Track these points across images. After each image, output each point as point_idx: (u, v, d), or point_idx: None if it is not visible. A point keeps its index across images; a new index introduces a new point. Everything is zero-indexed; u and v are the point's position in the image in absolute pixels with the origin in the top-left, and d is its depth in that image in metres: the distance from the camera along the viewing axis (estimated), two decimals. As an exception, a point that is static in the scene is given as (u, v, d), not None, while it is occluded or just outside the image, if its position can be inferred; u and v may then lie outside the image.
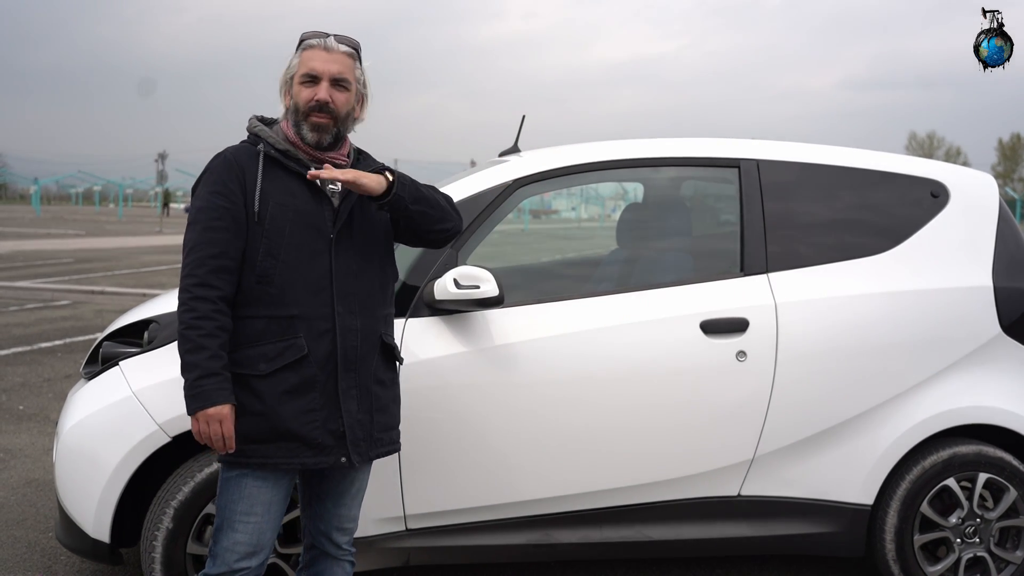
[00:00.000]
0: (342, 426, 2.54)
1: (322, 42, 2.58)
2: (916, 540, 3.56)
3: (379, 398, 2.64)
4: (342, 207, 2.59)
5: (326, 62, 2.56)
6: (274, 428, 2.49)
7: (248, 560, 2.55)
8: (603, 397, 3.36)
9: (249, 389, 2.50)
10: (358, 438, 2.58)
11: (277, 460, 2.51)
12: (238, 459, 2.52)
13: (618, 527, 3.48)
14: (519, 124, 4.17)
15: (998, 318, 3.60)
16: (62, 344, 9.16)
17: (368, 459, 2.63)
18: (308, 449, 2.52)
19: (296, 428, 2.50)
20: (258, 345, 2.50)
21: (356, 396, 2.57)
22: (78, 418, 3.29)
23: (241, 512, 2.54)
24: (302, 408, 2.50)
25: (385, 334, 2.67)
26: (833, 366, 3.48)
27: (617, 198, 42.65)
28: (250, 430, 2.49)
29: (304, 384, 2.50)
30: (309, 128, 2.56)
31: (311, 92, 2.54)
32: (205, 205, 2.51)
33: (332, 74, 2.55)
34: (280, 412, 2.49)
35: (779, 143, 3.81)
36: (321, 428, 2.52)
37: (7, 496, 4.78)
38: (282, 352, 2.49)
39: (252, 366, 2.50)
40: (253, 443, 2.50)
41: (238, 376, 2.51)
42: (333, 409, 2.54)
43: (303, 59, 2.58)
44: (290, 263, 2.50)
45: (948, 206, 3.72)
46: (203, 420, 2.43)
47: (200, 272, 2.46)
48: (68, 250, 22.68)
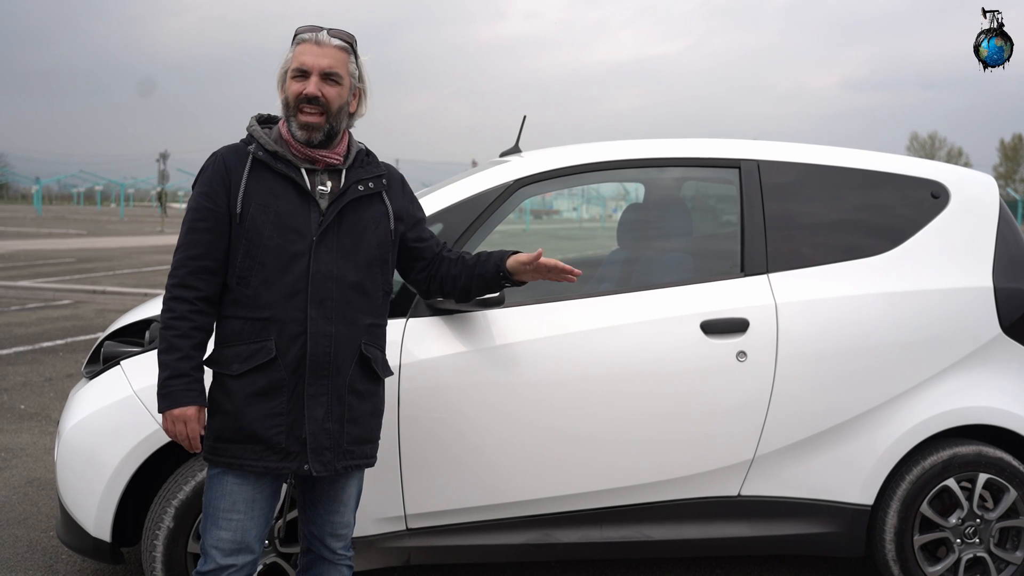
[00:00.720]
0: (305, 432, 2.52)
1: (314, 36, 2.55)
2: (916, 540, 3.56)
3: (353, 408, 2.58)
4: (329, 210, 2.54)
5: (316, 56, 2.53)
6: (240, 429, 2.50)
7: (234, 557, 2.54)
8: (603, 397, 3.36)
9: (224, 388, 2.52)
10: (322, 447, 2.53)
11: (244, 461, 2.51)
12: (213, 457, 2.54)
13: (618, 527, 3.48)
14: (520, 124, 4.18)
15: (998, 319, 3.60)
16: (63, 344, 9.17)
17: (333, 470, 2.56)
18: (273, 453, 2.51)
19: (260, 431, 2.49)
20: (234, 345, 2.51)
21: (325, 404, 2.53)
22: (79, 417, 3.30)
23: (224, 509, 2.54)
24: (268, 411, 2.49)
25: (365, 344, 2.60)
26: (833, 366, 3.48)
27: (618, 198, 42.66)
28: (222, 429, 2.52)
29: (272, 387, 2.49)
30: (298, 126, 2.53)
31: (300, 86, 2.52)
32: (193, 206, 2.55)
33: (322, 68, 2.52)
34: (246, 413, 2.49)
35: (780, 144, 3.81)
36: (286, 433, 2.50)
37: (8, 495, 4.79)
38: (253, 354, 2.49)
39: (227, 366, 2.52)
40: (224, 442, 2.52)
41: (216, 375, 2.55)
42: (299, 415, 2.51)
43: (295, 53, 2.56)
44: (267, 264, 2.49)
45: (948, 207, 3.72)
46: (169, 420, 2.50)
47: (180, 273, 2.51)
48: (70, 250, 22.70)
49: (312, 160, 2.57)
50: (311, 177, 2.56)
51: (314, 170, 2.57)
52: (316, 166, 2.58)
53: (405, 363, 3.23)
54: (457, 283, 2.85)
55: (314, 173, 2.57)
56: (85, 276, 15.75)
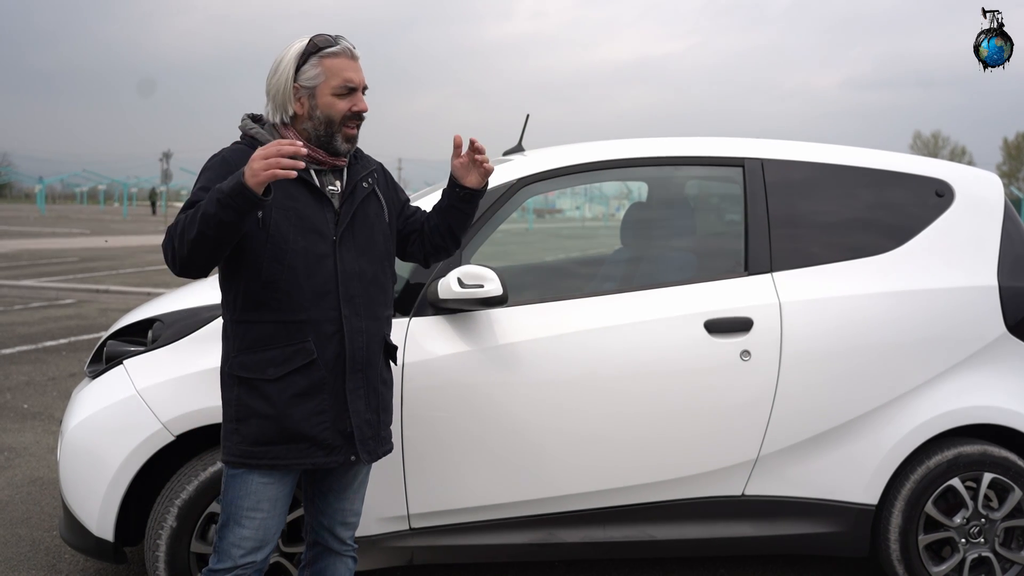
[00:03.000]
0: (350, 426, 2.56)
1: (347, 50, 2.55)
2: (920, 540, 3.55)
3: (383, 398, 2.68)
4: (344, 209, 2.58)
5: (357, 71, 2.56)
6: (284, 430, 2.50)
7: (253, 555, 2.57)
8: (607, 396, 3.36)
9: (259, 393, 2.50)
10: (366, 437, 2.61)
11: (289, 461, 2.52)
12: (248, 461, 2.52)
13: (622, 527, 3.47)
14: (523, 123, 4.17)
15: (1003, 317, 3.59)
16: (66, 343, 9.17)
17: (376, 456, 2.66)
18: (319, 449, 2.54)
19: (307, 430, 2.51)
20: (267, 349, 2.50)
21: (364, 396, 2.59)
22: (82, 417, 3.30)
23: (247, 508, 2.54)
24: (312, 410, 2.51)
25: (388, 335, 2.71)
26: (837, 365, 3.48)
27: (621, 197, 42.66)
28: (261, 432, 2.50)
29: (313, 387, 2.51)
30: (344, 139, 2.56)
31: (348, 103, 2.54)
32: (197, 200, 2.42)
33: (363, 83, 2.58)
34: (291, 415, 2.50)
35: (783, 142, 3.80)
36: (331, 429, 2.54)
37: (11, 495, 4.79)
38: (291, 357, 2.49)
39: (261, 371, 2.50)
40: (263, 445, 2.51)
41: (247, 380, 2.51)
42: (341, 410, 2.55)
43: (333, 68, 2.52)
44: (296, 267, 2.48)
45: (953, 205, 3.71)
46: (252, 173, 2.23)
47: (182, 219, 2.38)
48: (73, 249, 22.73)
49: (318, 161, 2.58)
50: (319, 177, 2.59)
51: (321, 171, 2.59)
52: (322, 167, 2.59)
53: (408, 362, 3.22)
54: (440, 229, 2.83)
55: (322, 173, 2.59)
56: (88, 275, 15.77)
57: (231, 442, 2.54)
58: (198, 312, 3.33)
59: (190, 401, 3.17)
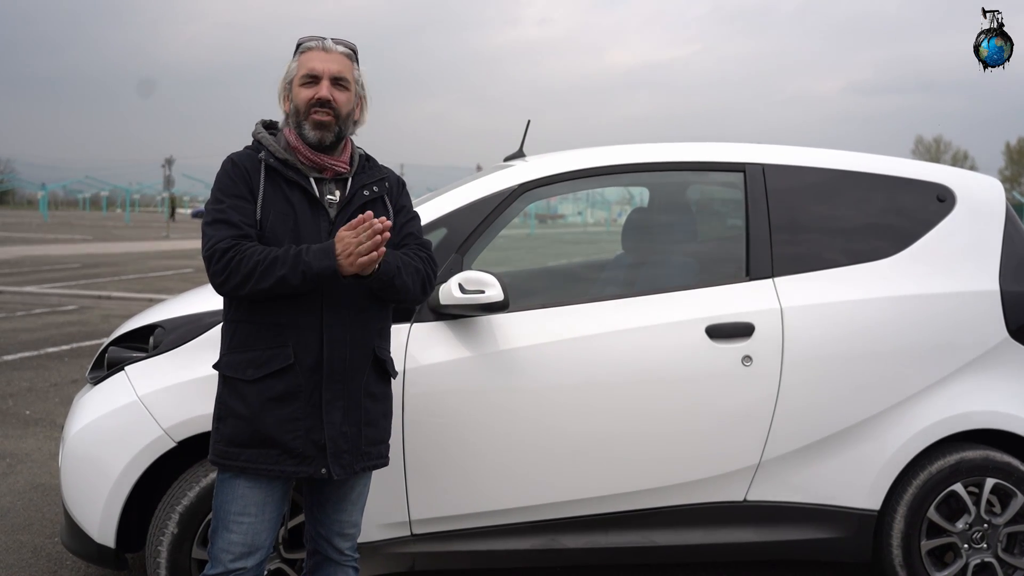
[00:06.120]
0: (324, 437, 2.53)
1: (320, 43, 2.61)
2: (923, 545, 3.54)
3: (368, 412, 2.62)
4: (339, 218, 2.57)
5: (325, 61, 2.58)
6: (256, 433, 2.50)
7: (243, 560, 2.56)
8: (608, 402, 3.35)
9: (237, 393, 2.52)
10: (341, 450, 2.55)
11: (259, 466, 2.52)
12: (226, 461, 2.53)
13: (624, 532, 3.47)
14: (524, 129, 4.18)
15: (1005, 322, 3.59)
16: (69, 349, 9.18)
17: (352, 472, 2.59)
18: (290, 458, 2.52)
19: (278, 436, 2.50)
20: (248, 351, 2.52)
21: (342, 408, 2.55)
22: (84, 423, 3.30)
23: (235, 513, 2.54)
24: (285, 416, 2.50)
25: (378, 347, 2.65)
26: (839, 370, 3.47)
27: (623, 203, 42.64)
28: (236, 434, 2.52)
29: (289, 393, 2.50)
30: (311, 126, 2.56)
31: (311, 91, 2.56)
32: (216, 197, 2.54)
33: (332, 73, 2.57)
34: (264, 418, 2.49)
35: (785, 147, 3.80)
36: (303, 438, 2.51)
37: (13, 501, 4.79)
38: (269, 359, 2.50)
39: (241, 371, 2.51)
40: (238, 447, 2.52)
41: (230, 379, 2.54)
42: (316, 419, 2.52)
43: (301, 61, 2.60)
44: None
45: (954, 210, 3.71)
46: (345, 249, 2.39)
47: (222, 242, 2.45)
48: (75, 255, 22.75)
49: (320, 168, 2.59)
50: (320, 186, 2.60)
51: (322, 179, 2.60)
52: (324, 175, 2.60)
53: (409, 368, 3.22)
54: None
55: (322, 182, 2.60)
56: (90, 281, 15.78)
57: (213, 440, 2.58)
58: (199, 318, 3.34)
59: (191, 407, 3.17)
